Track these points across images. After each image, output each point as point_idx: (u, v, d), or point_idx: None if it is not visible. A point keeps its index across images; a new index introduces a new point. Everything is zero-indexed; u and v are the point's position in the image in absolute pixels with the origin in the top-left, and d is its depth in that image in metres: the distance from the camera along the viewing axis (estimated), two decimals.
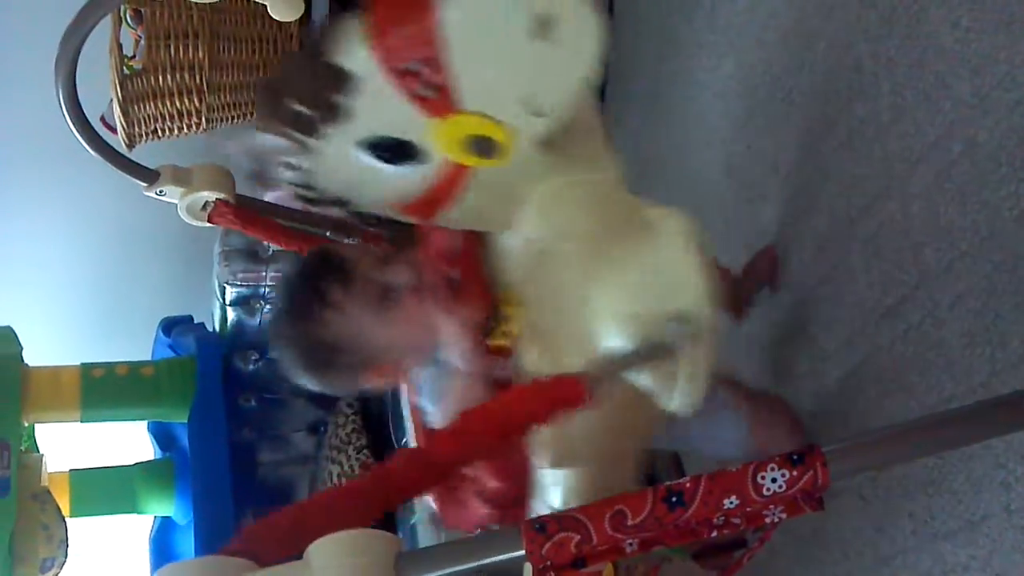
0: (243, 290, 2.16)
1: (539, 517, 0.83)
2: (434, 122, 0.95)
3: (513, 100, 0.95)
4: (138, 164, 1.69)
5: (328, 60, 0.90)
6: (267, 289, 2.16)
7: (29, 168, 2.32)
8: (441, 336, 1.21)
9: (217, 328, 2.34)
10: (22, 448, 2.11)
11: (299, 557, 0.78)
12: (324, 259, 1.22)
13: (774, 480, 0.85)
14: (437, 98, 0.92)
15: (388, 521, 2.20)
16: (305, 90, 0.92)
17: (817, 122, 1.59)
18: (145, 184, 1.72)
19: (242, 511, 2.30)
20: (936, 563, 1.35)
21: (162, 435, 2.41)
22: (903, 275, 1.39)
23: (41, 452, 2.23)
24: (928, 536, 1.37)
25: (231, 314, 2.23)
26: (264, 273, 2.13)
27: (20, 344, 2.15)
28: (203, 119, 2.15)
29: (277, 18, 1.44)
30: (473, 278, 1.19)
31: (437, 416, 1.25)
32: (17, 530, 1.97)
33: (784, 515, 0.89)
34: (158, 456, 2.43)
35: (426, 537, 2.00)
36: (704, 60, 1.98)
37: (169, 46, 2.03)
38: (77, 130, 1.65)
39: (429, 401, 1.27)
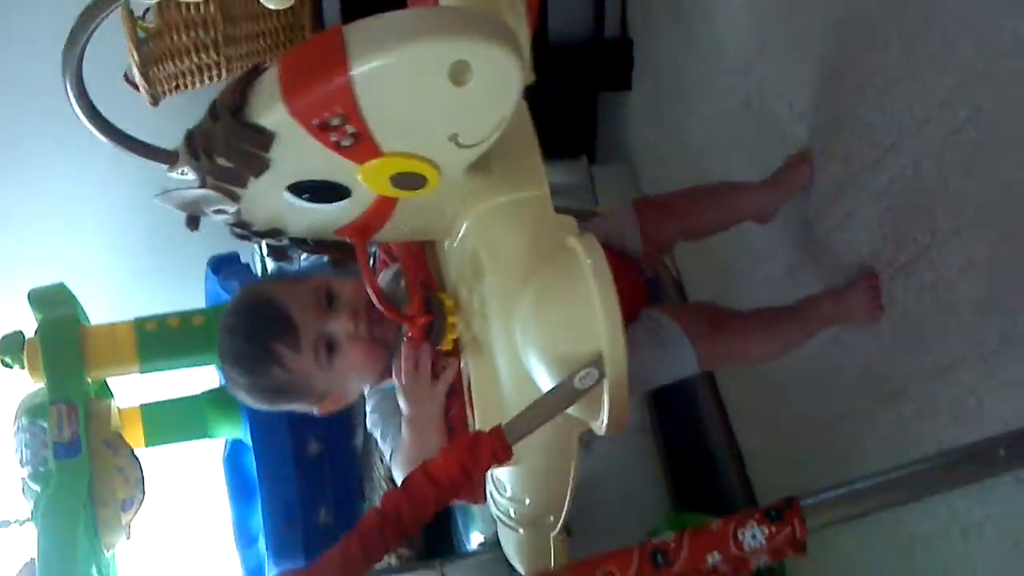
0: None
1: None
2: (357, 165, 0.94)
3: (436, 138, 0.93)
4: (156, 148, 1.70)
5: (245, 118, 0.89)
6: None
7: (71, 121, 2.35)
8: (385, 367, 1.27)
9: (259, 272, 2.40)
10: (92, 396, 2.22)
11: None
12: (263, 310, 1.27)
13: (754, 536, 0.89)
14: (357, 146, 0.91)
15: None
16: (226, 147, 0.92)
17: (829, 65, 1.55)
18: (166, 165, 1.74)
19: (299, 436, 2.39)
20: None
21: None
22: (916, 233, 1.38)
23: (112, 396, 2.35)
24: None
25: (270, 264, 2.28)
26: None
27: (75, 300, 2.23)
28: (223, 70, 2.14)
29: (271, 7, 1.43)
30: (416, 283, 1.20)
31: (387, 437, 1.31)
32: (95, 476, 2.09)
33: (769, 559, 0.92)
34: (223, 383, 2.53)
35: None
36: None
37: (180, 5, 2.02)
38: (89, 122, 1.67)
39: (379, 424, 1.33)
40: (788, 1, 1.66)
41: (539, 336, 0.99)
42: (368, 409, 1.37)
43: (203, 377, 2.52)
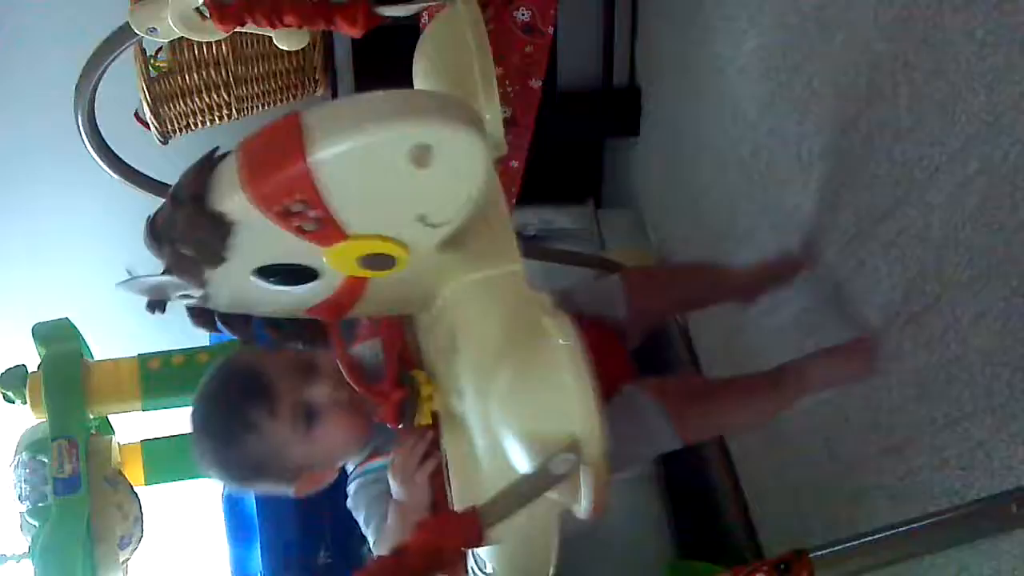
0: None
1: None
2: (325, 249, 0.93)
3: (403, 219, 0.92)
4: (165, 185, 1.71)
5: (204, 207, 0.87)
6: None
7: (77, 156, 2.37)
8: (366, 442, 1.24)
9: None
10: (93, 431, 2.21)
11: None
12: (242, 376, 1.22)
13: None
14: (322, 230, 0.89)
15: None
16: (186, 236, 0.89)
17: (838, 116, 1.55)
18: None
19: None
20: None
21: None
22: (925, 284, 1.38)
23: (112, 432, 2.33)
24: None
25: None
26: None
27: (79, 335, 2.22)
28: (233, 110, 2.16)
29: (283, 48, 1.44)
30: (393, 357, 1.15)
31: (370, 524, 1.30)
32: (94, 512, 2.07)
33: None
34: None
35: None
36: (727, 34, 1.93)
37: (192, 45, 2.04)
38: (100, 159, 1.68)
39: (361, 511, 1.31)
40: (797, 52, 1.67)
41: (515, 418, 0.96)
42: (351, 491, 1.33)
43: None
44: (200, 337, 2.45)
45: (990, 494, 1.28)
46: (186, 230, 0.88)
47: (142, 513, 2.21)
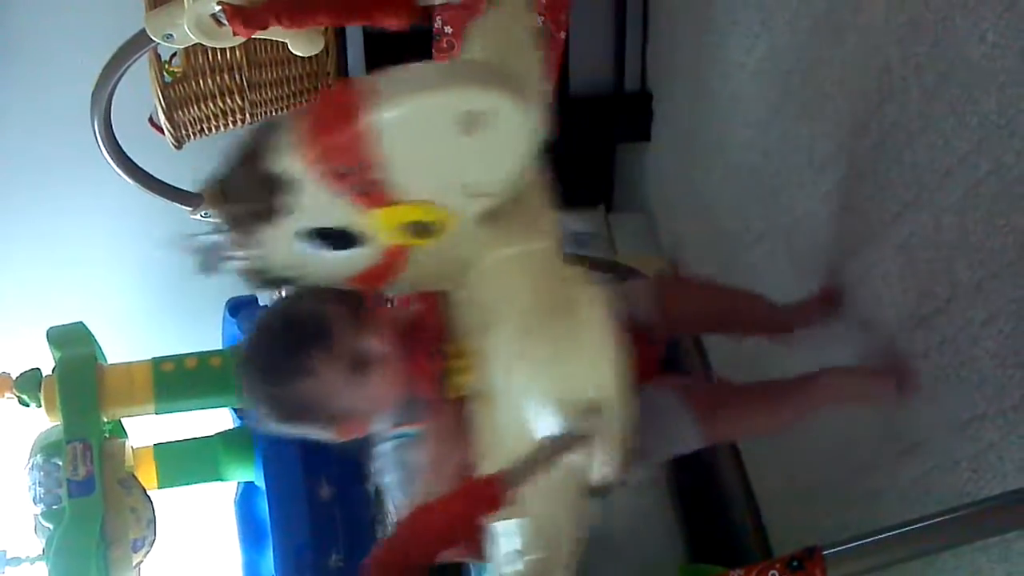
0: None
1: None
2: (372, 212, 0.97)
3: (449, 187, 0.95)
4: (180, 190, 1.73)
5: (263, 166, 0.92)
6: None
7: (92, 161, 2.38)
8: (402, 402, 1.22)
9: None
10: (106, 435, 2.22)
11: None
12: (306, 318, 1.19)
13: None
14: (372, 193, 0.93)
15: None
16: (243, 194, 0.94)
17: (849, 118, 1.56)
18: (190, 208, 1.77)
19: (311, 479, 2.39)
20: None
21: None
22: (936, 287, 1.38)
23: (126, 436, 2.35)
24: None
25: None
26: None
27: (94, 339, 2.24)
28: (247, 115, 2.17)
29: (298, 54, 1.45)
30: (430, 331, 1.18)
31: (399, 487, 1.29)
32: (107, 515, 2.08)
33: None
34: (237, 424, 2.53)
35: None
36: (738, 38, 1.93)
37: (206, 50, 2.05)
38: (116, 165, 1.70)
39: (391, 472, 1.30)
40: (807, 56, 1.68)
41: (540, 384, 0.99)
42: (382, 451, 1.33)
43: (216, 418, 2.53)
44: (213, 341, 2.47)
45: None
46: (242, 188, 0.93)
47: (155, 516, 2.22)
